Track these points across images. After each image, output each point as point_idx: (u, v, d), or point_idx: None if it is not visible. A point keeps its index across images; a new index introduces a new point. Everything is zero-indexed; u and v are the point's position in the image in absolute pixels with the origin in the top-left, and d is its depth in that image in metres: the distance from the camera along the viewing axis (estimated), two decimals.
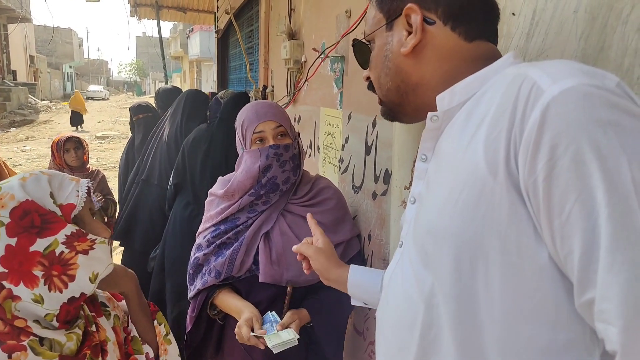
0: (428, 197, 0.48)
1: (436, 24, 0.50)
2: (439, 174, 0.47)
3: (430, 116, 0.49)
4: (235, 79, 3.43)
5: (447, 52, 0.50)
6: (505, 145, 0.39)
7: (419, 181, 0.52)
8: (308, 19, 1.62)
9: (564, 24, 0.58)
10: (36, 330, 0.61)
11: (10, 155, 7.20)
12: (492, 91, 0.44)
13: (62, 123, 12.30)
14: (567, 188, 0.35)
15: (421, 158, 0.52)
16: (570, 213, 0.35)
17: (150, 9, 4.91)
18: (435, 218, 0.45)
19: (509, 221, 0.39)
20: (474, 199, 0.40)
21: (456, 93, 0.48)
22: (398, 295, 0.50)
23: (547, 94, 0.36)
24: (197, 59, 16.71)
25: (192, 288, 1.03)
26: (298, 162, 0.99)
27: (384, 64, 0.53)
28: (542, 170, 0.36)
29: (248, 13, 2.87)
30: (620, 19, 0.51)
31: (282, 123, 0.97)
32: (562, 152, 0.35)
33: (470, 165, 0.41)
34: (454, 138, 0.46)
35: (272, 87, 2.17)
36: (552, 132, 0.35)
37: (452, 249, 0.42)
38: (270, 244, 0.98)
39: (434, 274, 0.44)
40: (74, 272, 0.63)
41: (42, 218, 0.62)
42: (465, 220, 0.41)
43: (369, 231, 1.13)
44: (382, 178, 1.07)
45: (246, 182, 0.96)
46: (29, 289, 0.60)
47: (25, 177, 0.65)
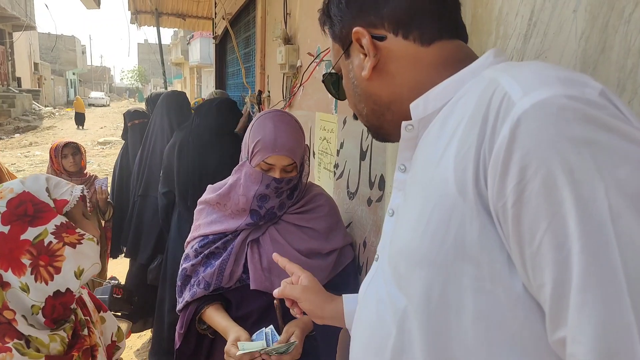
0: (404, 212, 0.45)
1: (387, 38, 0.47)
2: (413, 187, 0.44)
3: (404, 125, 0.47)
4: (232, 85, 3.43)
5: (408, 62, 0.47)
6: (474, 163, 0.35)
7: (398, 192, 0.49)
8: (303, 24, 1.60)
9: (563, 24, 0.56)
10: (21, 326, 0.61)
11: (14, 161, 7.25)
12: (466, 97, 0.40)
13: (65, 129, 12.40)
14: (537, 215, 0.31)
15: (400, 168, 0.49)
16: (541, 243, 0.31)
17: (150, 16, 4.94)
18: (407, 238, 0.42)
19: (481, 246, 0.36)
20: (444, 220, 0.37)
21: (430, 99, 0.45)
22: (371, 314, 0.47)
23: (517, 108, 0.33)
24: (198, 65, 16.85)
25: (180, 300, 1.00)
26: (296, 185, 0.97)
27: (354, 91, 0.52)
28: (511, 194, 0.32)
29: (245, 19, 2.87)
30: (622, 18, 0.48)
31: (295, 159, 0.92)
32: (532, 175, 0.31)
33: (441, 183, 0.38)
34: (428, 149, 0.43)
35: (268, 92, 2.15)
36: (522, 152, 0.32)
37: (423, 272, 0.39)
38: (261, 251, 0.96)
39: (407, 296, 0.41)
40: (60, 264, 0.65)
41: (35, 207, 0.65)
42: (436, 242, 0.38)
43: (364, 238, 1.09)
44: (377, 184, 1.04)
45: (240, 201, 0.94)
46: (16, 277, 0.62)
47: (26, 177, 0.70)
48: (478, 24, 0.71)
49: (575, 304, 0.30)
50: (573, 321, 0.30)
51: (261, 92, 2.23)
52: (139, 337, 2.50)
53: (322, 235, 0.99)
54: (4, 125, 11.74)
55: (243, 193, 0.93)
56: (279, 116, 0.93)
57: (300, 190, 0.99)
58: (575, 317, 0.30)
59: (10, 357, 0.58)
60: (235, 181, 0.95)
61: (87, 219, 0.73)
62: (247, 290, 0.94)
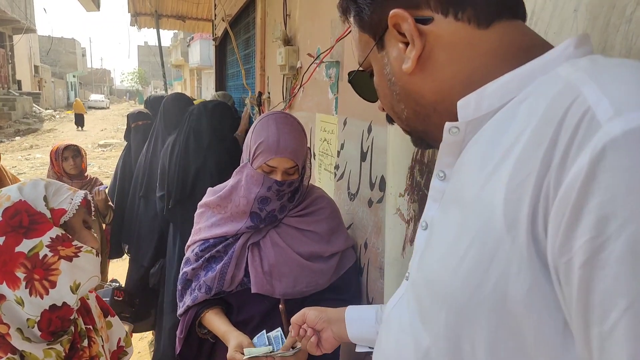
0: (438, 231, 0.38)
1: (434, 20, 0.37)
2: (452, 204, 0.36)
3: (448, 127, 0.37)
4: (233, 86, 3.43)
5: (461, 49, 0.37)
6: (532, 197, 0.27)
7: (433, 203, 0.41)
8: (303, 25, 1.60)
9: (564, 24, 0.55)
10: (15, 341, 0.60)
11: (15, 164, 7.26)
12: (532, 101, 0.31)
13: (65, 131, 12.42)
14: (616, 287, 0.23)
15: (438, 176, 0.41)
16: (617, 326, 0.24)
17: (150, 18, 4.94)
18: (436, 268, 0.35)
19: (528, 304, 0.28)
20: (484, 261, 0.30)
21: (485, 97, 0.35)
22: (390, 344, 0.42)
23: (603, 132, 0.24)
24: (198, 67, 16.87)
25: (181, 305, 0.99)
26: (297, 188, 0.96)
27: (391, 89, 0.42)
28: (580, 251, 0.24)
29: (245, 20, 2.87)
30: (623, 17, 0.48)
31: (298, 162, 0.91)
32: (614, 231, 0.23)
33: (485, 212, 0.30)
34: (476, 160, 0.34)
35: (268, 93, 2.15)
36: (603, 196, 0.23)
37: (451, 316, 0.32)
38: (262, 255, 0.95)
39: (431, 336, 0.35)
40: (55, 279, 0.63)
41: (30, 218, 0.63)
42: (470, 285, 0.31)
43: (365, 239, 1.09)
44: (377, 185, 1.03)
45: (240, 203, 0.94)
46: (10, 290, 0.61)
47: (25, 182, 0.68)
48: None
49: None
50: None
51: (261, 94, 2.23)
52: (140, 340, 2.50)
53: (323, 238, 0.98)
54: (5, 128, 11.75)
55: (244, 195, 0.92)
56: (282, 118, 0.92)
57: (301, 193, 0.99)
58: None
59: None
60: (236, 183, 0.95)
61: (87, 228, 0.71)
62: (248, 293, 0.94)
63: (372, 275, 1.05)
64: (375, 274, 1.03)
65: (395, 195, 0.91)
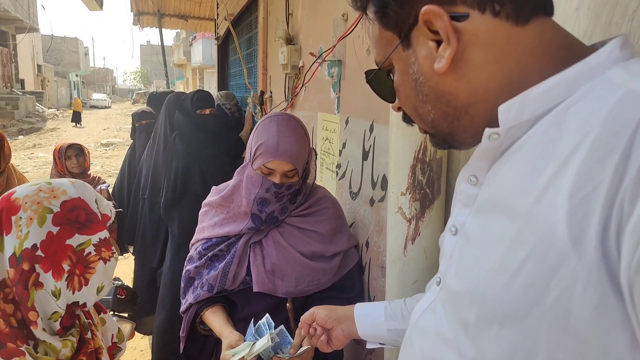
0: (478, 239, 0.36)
1: (470, 17, 0.35)
2: (493, 213, 0.35)
3: (488, 134, 0.35)
4: (235, 85, 3.44)
5: (499, 48, 0.35)
6: (603, 211, 0.26)
7: (465, 208, 0.39)
8: (305, 24, 1.60)
9: (566, 23, 0.55)
10: (38, 330, 0.61)
11: (18, 163, 7.30)
12: (585, 109, 0.30)
13: (68, 130, 12.48)
14: None
15: (470, 180, 0.39)
16: None
17: (153, 17, 4.95)
18: (482, 279, 0.33)
19: (595, 322, 0.27)
20: (544, 276, 0.29)
21: (529, 102, 0.33)
22: (427, 348, 0.41)
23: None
24: (200, 66, 16.89)
25: (184, 302, 1.00)
26: (299, 190, 0.96)
27: (417, 90, 0.40)
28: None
29: (247, 19, 2.87)
30: (626, 16, 0.48)
31: (297, 165, 0.90)
32: None
33: (543, 225, 0.29)
34: (522, 169, 0.33)
35: (270, 92, 2.16)
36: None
37: (504, 331, 0.31)
38: (264, 254, 0.96)
39: (476, 348, 0.34)
40: (90, 277, 0.65)
41: (87, 216, 0.66)
42: (527, 301, 0.30)
43: (366, 238, 1.09)
44: (379, 184, 1.04)
45: (242, 203, 0.94)
46: (53, 280, 0.62)
47: (73, 181, 0.70)
48: None
49: None
50: None
51: (263, 93, 2.23)
52: (142, 339, 2.51)
53: (325, 238, 0.98)
54: (8, 127, 11.81)
55: (245, 196, 0.93)
56: (284, 120, 0.92)
57: (304, 194, 0.99)
58: None
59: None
60: (237, 183, 0.95)
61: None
62: (250, 292, 0.94)
63: (374, 274, 1.05)
64: (376, 273, 1.03)
65: (396, 194, 0.91)
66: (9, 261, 0.60)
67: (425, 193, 0.78)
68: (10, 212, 0.62)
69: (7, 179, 1.55)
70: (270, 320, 0.84)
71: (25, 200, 0.63)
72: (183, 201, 1.84)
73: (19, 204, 0.62)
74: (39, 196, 0.64)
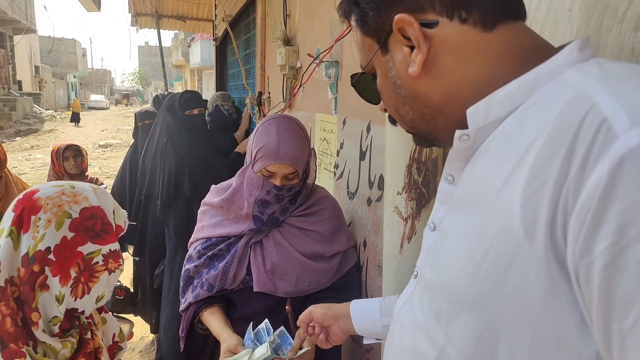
0: (451, 233, 0.39)
1: (440, 24, 0.38)
2: (464, 208, 0.37)
3: (458, 135, 0.38)
4: (233, 86, 3.44)
5: (467, 53, 0.37)
6: (551, 204, 0.28)
7: (442, 205, 0.42)
8: (303, 25, 1.61)
9: (558, 23, 0.56)
10: (39, 332, 0.61)
11: (15, 164, 7.27)
12: (541, 108, 0.32)
13: (66, 132, 12.45)
14: (636, 288, 0.25)
15: (447, 179, 0.41)
16: (637, 323, 0.25)
17: (151, 18, 4.95)
18: (453, 272, 0.36)
19: (546, 304, 0.29)
20: (502, 266, 0.31)
21: (494, 104, 0.36)
22: (406, 338, 0.43)
23: (620, 143, 0.25)
24: (198, 68, 16.88)
25: (183, 301, 1.00)
26: (299, 191, 0.97)
27: (396, 92, 0.42)
28: (601, 255, 0.26)
29: (245, 20, 2.88)
30: (616, 17, 0.49)
31: (298, 168, 0.90)
32: (635, 236, 0.25)
33: (502, 218, 0.31)
34: (488, 167, 0.35)
35: (268, 93, 2.16)
36: (623, 204, 0.25)
37: (471, 318, 0.34)
38: (264, 254, 0.96)
39: (447, 335, 0.37)
40: (93, 286, 0.65)
41: (103, 226, 0.66)
42: (489, 289, 0.32)
43: (364, 238, 1.10)
44: (376, 184, 1.04)
45: (244, 205, 0.95)
46: (59, 285, 0.62)
47: (94, 187, 0.70)
48: None
49: None
50: None
51: (261, 94, 2.23)
52: (141, 339, 2.51)
53: (325, 238, 0.99)
54: (5, 129, 11.77)
55: (245, 197, 0.93)
56: (285, 123, 0.92)
57: (304, 194, 0.99)
58: None
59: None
60: (238, 185, 0.96)
61: None
62: (250, 291, 0.94)
63: (371, 273, 1.06)
64: (374, 272, 1.04)
65: (393, 194, 0.92)
66: (22, 260, 0.61)
67: (421, 192, 0.78)
68: (32, 211, 0.62)
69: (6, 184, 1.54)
70: (269, 326, 0.84)
71: (47, 202, 0.63)
72: (176, 202, 1.85)
73: (41, 204, 0.63)
74: (61, 199, 0.64)
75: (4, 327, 0.58)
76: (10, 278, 0.60)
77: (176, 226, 1.84)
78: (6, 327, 0.59)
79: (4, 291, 0.59)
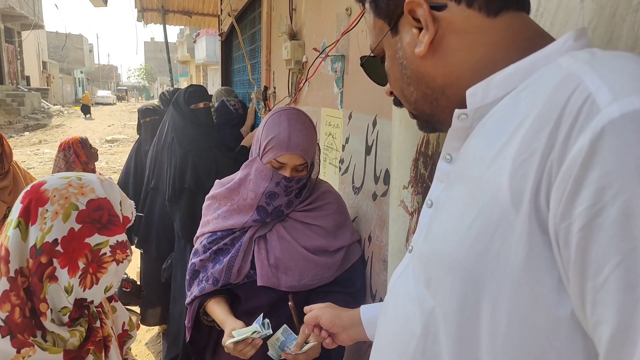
0: (444, 206, 0.41)
1: (448, 7, 0.40)
2: (458, 182, 0.40)
3: (457, 114, 0.40)
4: (238, 81, 3.44)
5: (471, 36, 0.40)
6: (537, 172, 0.31)
7: (440, 183, 0.44)
8: (309, 19, 1.60)
9: (570, 15, 0.55)
10: (47, 322, 0.62)
11: (23, 159, 7.38)
12: (534, 89, 0.35)
13: (74, 127, 12.57)
14: (609, 246, 0.27)
15: (445, 158, 0.44)
16: (609, 279, 0.27)
17: (157, 14, 4.96)
18: (443, 239, 0.38)
19: (526, 268, 0.31)
20: (488, 231, 0.33)
21: (492, 86, 0.38)
22: (398, 308, 0.45)
23: (602, 115, 0.27)
24: (204, 63, 16.90)
25: (189, 294, 1.01)
26: (305, 184, 0.97)
27: (402, 73, 0.45)
28: (580, 217, 0.28)
29: (251, 15, 2.87)
30: (630, 7, 0.47)
31: (308, 159, 0.91)
32: (610, 199, 0.27)
33: (491, 187, 0.34)
34: (482, 143, 0.37)
35: (274, 88, 2.16)
36: (602, 170, 0.27)
37: (457, 281, 0.36)
38: (268, 248, 0.96)
39: (435, 299, 0.39)
40: (101, 277, 0.66)
41: (110, 218, 0.66)
42: (475, 253, 0.34)
43: (369, 233, 1.10)
44: (382, 178, 1.04)
45: (248, 197, 0.95)
46: (68, 276, 0.62)
47: (101, 179, 0.70)
48: None
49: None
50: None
51: (267, 88, 2.23)
52: (147, 331, 2.54)
53: (329, 233, 0.99)
54: (14, 124, 11.92)
55: (252, 189, 0.93)
56: (295, 114, 0.92)
57: (308, 188, 0.99)
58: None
59: (33, 352, 0.59)
60: (245, 176, 0.96)
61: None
62: (254, 285, 0.95)
63: (376, 268, 1.05)
64: (379, 267, 1.04)
65: (399, 188, 0.91)
66: (30, 252, 0.61)
67: (427, 186, 0.78)
68: (39, 203, 0.63)
69: (15, 178, 1.55)
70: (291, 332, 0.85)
71: (54, 194, 0.63)
72: (182, 197, 1.87)
73: (48, 196, 0.63)
74: (68, 191, 0.64)
75: (13, 318, 0.59)
76: (20, 269, 0.61)
77: (182, 221, 1.85)
78: (14, 317, 0.59)
79: (14, 281, 0.60)
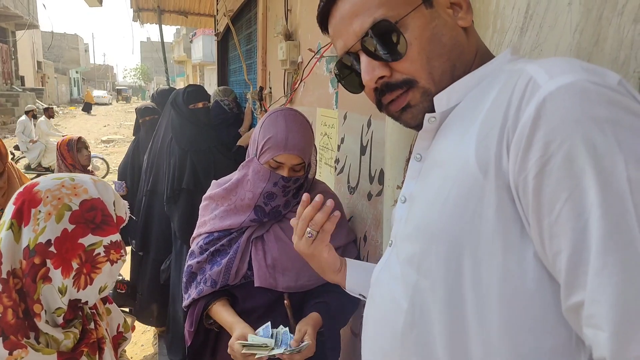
0: (420, 194, 0.47)
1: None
2: (430, 170, 0.46)
3: (427, 118, 0.47)
4: (235, 81, 3.44)
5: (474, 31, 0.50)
6: (497, 141, 0.38)
7: (411, 181, 0.50)
8: (304, 20, 1.61)
9: (558, 17, 0.56)
10: (41, 323, 0.62)
11: None
12: (488, 88, 0.43)
13: (69, 127, 12.48)
14: (558, 186, 0.33)
15: (415, 157, 0.50)
16: (561, 212, 0.33)
17: (153, 14, 4.94)
18: (424, 214, 0.44)
19: (496, 220, 0.38)
20: (463, 196, 0.39)
21: (454, 93, 0.46)
22: (384, 294, 0.49)
23: (543, 89, 0.35)
24: (200, 63, 16.83)
25: (186, 297, 1.01)
26: (302, 184, 0.97)
27: (439, 41, 0.46)
28: (533, 167, 0.35)
29: (247, 15, 2.87)
30: (615, 10, 0.49)
31: (305, 159, 0.91)
32: (555, 149, 0.33)
33: (461, 161, 0.40)
34: (447, 136, 0.45)
35: (269, 88, 2.16)
36: (547, 128, 0.34)
37: (440, 247, 0.41)
38: (265, 249, 0.97)
39: (419, 271, 0.43)
40: (95, 277, 0.66)
41: (103, 218, 0.66)
42: (454, 217, 0.40)
43: (364, 232, 1.11)
44: (377, 178, 1.05)
45: (246, 197, 0.95)
46: (62, 277, 0.62)
47: (95, 179, 0.70)
48: (476, 18, 0.71)
49: (595, 268, 0.31)
50: (592, 283, 0.32)
51: (262, 89, 2.23)
52: (143, 333, 2.53)
53: None
54: (8, 124, 11.82)
55: (250, 189, 0.93)
56: (292, 115, 0.93)
57: (305, 188, 1.00)
58: (595, 279, 0.31)
59: (26, 353, 0.59)
60: (242, 177, 0.95)
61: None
62: (251, 286, 0.95)
63: None
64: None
65: (393, 187, 0.92)
66: (23, 253, 0.61)
67: None
68: (32, 204, 0.62)
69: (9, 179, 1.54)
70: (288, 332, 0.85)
71: (47, 195, 0.63)
72: (181, 197, 1.86)
73: (41, 197, 0.63)
74: (61, 192, 0.64)
75: (5, 319, 0.59)
76: (13, 270, 0.61)
77: (180, 222, 1.85)
78: (7, 319, 0.59)
79: (6, 283, 0.60)
